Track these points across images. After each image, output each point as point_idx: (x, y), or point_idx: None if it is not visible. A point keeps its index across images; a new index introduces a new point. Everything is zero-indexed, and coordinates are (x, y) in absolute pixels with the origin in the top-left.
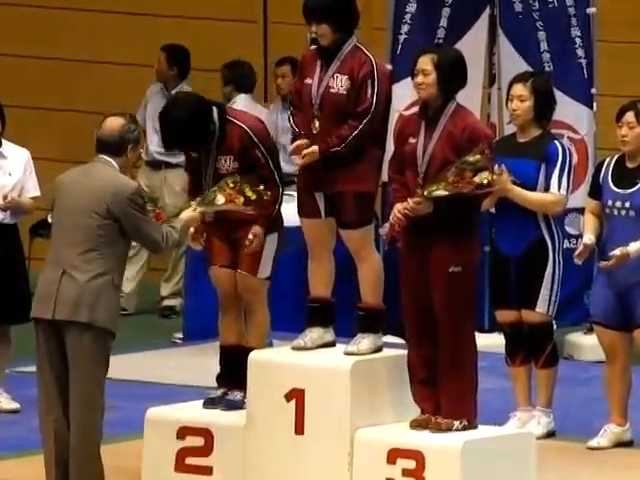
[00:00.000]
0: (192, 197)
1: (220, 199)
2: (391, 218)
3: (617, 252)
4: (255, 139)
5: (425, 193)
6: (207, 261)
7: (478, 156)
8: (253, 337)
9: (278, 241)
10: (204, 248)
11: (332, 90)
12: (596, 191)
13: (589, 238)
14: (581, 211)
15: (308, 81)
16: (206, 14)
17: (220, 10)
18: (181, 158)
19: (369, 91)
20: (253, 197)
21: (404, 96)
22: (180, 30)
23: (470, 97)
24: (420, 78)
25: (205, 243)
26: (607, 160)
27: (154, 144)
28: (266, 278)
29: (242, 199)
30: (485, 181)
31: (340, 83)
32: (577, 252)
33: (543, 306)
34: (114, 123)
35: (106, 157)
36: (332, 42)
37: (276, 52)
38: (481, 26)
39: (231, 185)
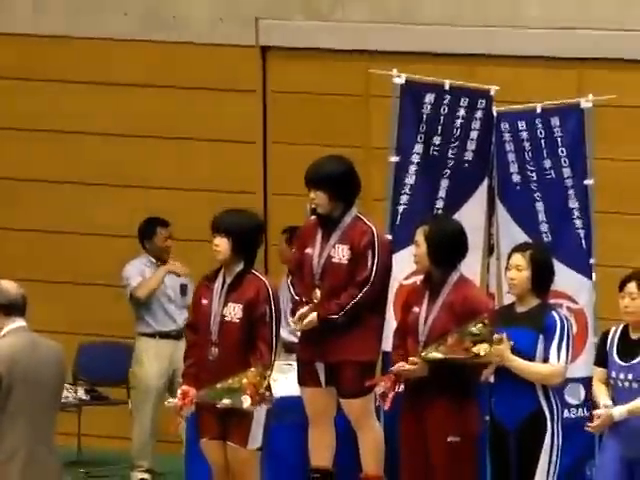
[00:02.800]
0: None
1: (247, 400)
2: (385, 380)
3: (601, 412)
4: (270, 295)
5: (422, 354)
6: (197, 433)
7: (480, 326)
8: None
9: (267, 411)
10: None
11: (334, 260)
12: (602, 360)
13: (606, 404)
14: (581, 381)
15: (309, 251)
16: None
17: (219, 184)
18: None
19: (369, 261)
20: (268, 396)
21: (404, 266)
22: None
23: (470, 266)
24: (414, 250)
25: (196, 414)
26: (612, 330)
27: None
28: (257, 449)
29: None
30: (482, 352)
31: (342, 253)
32: (595, 422)
33: None
34: (13, 284)
35: (23, 322)
36: (329, 211)
37: (276, 223)
38: (480, 197)
39: (250, 379)
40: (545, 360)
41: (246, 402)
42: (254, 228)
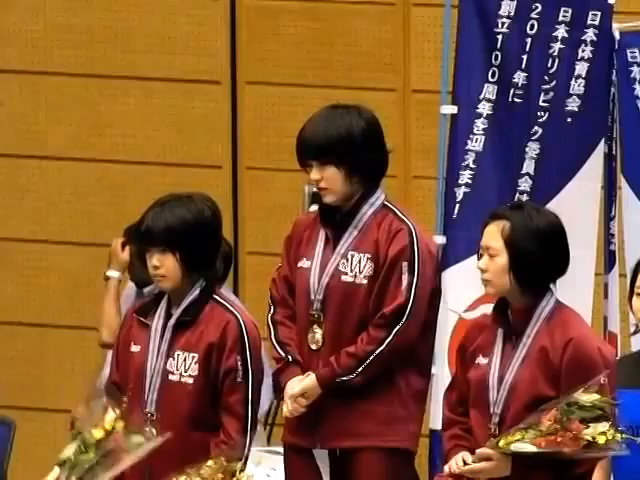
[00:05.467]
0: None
1: None
2: None
3: None
4: (245, 337)
5: (500, 443)
6: None
7: (595, 396)
8: None
9: None
10: None
11: (345, 278)
12: None
13: None
14: None
15: (305, 264)
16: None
17: (162, 152)
18: None
19: (405, 280)
20: None
21: (465, 288)
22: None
23: (575, 289)
24: (483, 261)
25: None
26: None
27: None
28: None
29: None
30: (602, 439)
31: (358, 266)
32: None
33: None
34: None
35: None
36: (343, 198)
37: (251, 213)
38: (591, 171)
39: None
40: None
41: None
42: (209, 225)
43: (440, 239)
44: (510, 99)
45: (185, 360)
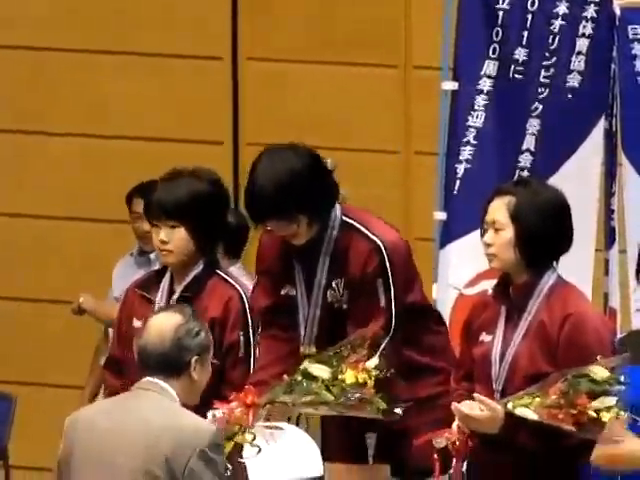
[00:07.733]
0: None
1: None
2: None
3: None
4: (247, 313)
5: (509, 405)
6: None
7: (607, 374)
8: None
9: None
10: None
11: (339, 305)
12: None
13: None
14: None
15: (292, 292)
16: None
17: (164, 128)
18: None
19: (382, 298)
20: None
21: (466, 265)
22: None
23: (575, 265)
24: (489, 235)
25: None
26: None
27: None
28: None
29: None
30: (606, 416)
31: (340, 293)
32: None
33: None
34: (165, 324)
35: (157, 381)
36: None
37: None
38: (592, 148)
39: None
40: None
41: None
42: (217, 201)
43: (441, 215)
44: (511, 75)
45: None
